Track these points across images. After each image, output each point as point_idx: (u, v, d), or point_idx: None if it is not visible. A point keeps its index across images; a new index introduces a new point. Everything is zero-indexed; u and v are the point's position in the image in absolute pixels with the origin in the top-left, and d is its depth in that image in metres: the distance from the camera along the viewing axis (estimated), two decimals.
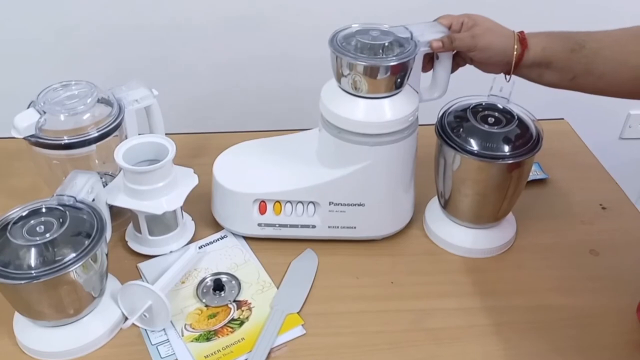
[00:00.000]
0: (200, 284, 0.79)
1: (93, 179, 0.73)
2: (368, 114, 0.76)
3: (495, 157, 0.76)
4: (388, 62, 0.74)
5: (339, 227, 0.83)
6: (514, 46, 0.76)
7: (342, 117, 0.76)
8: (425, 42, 0.78)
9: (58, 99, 0.79)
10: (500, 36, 0.77)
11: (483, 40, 0.77)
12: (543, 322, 0.76)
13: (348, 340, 0.73)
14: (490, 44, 0.77)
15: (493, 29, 0.78)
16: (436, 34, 0.78)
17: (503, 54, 0.77)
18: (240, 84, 1.31)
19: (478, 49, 0.77)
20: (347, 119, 0.76)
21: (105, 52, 1.23)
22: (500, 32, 0.78)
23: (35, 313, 0.68)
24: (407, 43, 0.76)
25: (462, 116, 0.79)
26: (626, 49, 0.75)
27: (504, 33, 0.78)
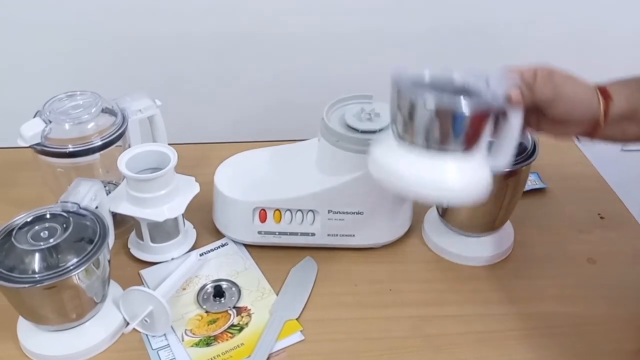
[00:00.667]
0: (200, 290, 0.80)
1: (96, 186, 0.75)
2: (436, 174, 0.64)
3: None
4: (479, 106, 0.62)
5: (338, 235, 0.85)
6: (597, 97, 0.67)
7: (398, 173, 0.65)
8: (502, 95, 0.65)
9: (63, 109, 0.81)
10: (582, 85, 0.67)
11: (566, 89, 0.66)
12: (541, 330, 0.76)
13: (346, 346, 0.74)
14: (575, 93, 0.66)
15: (572, 77, 0.68)
16: (511, 82, 0.66)
17: (587, 107, 0.66)
18: (242, 96, 1.33)
19: (562, 99, 0.66)
20: (402, 175, 0.64)
21: (110, 63, 1.25)
22: (580, 81, 0.68)
23: (38, 317, 0.69)
24: (485, 93, 0.65)
25: None
26: None
27: (584, 82, 0.68)
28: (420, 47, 1.33)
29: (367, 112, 0.82)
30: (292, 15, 1.25)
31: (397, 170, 0.65)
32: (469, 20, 1.31)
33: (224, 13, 1.23)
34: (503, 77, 0.66)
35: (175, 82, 1.29)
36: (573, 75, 0.68)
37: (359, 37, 1.29)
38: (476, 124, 0.63)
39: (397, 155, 0.65)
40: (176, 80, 1.29)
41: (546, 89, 0.66)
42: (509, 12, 1.31)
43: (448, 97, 0.63)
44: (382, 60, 1.33)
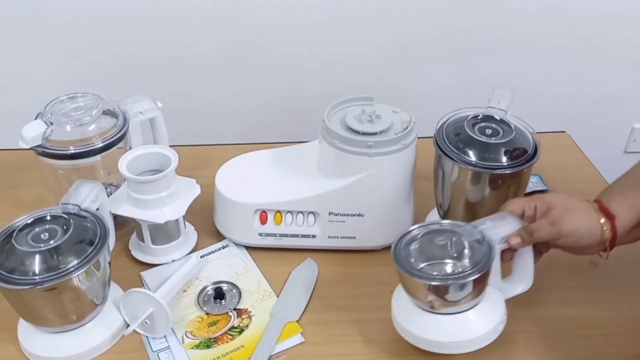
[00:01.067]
0: (201, 292, 0.80)
1: (97, 188, 0.75)
2: (448, 331, 0.68)
3: (492, 167, 0.77)
4: (465, 278, 0.65)
5: (339, 237, 0.84)
6: (599, 221, 0.67)
7: (418, 336, 0.69)
8: (500, 239, 0.68)
9: (64, 111, 0.81)
10: (582, 215, 0.68)
11: (566, 225, 0.67)
12: (542, 334, 0.76)
13: (346, 349, 0.74)
14: (575, 227, 0.67)
15: (571, 209, 0.68)
16: (510, 227, 0.69)
17: (592, 236, 0.67)
18: (243, 98, 1.33)
19: (563, 235, 0.67)
20: (425, 339, 0.69)
21: (112, 66, 1.25)
22: (580, 209, 0.68)
23: (38, 319, 0.69)
24: (479, 247, 0.68)
25: (460, 128, 0.80)
26: None
27: (584, 209, 0.68)
28: (421, 50, 1.34)
29: (368, 114, 0.82)
30: (293, 21, 1.26)
31: (416, 335, 0.69)
32: (469, 23, 1.31)
33: (227, 17, 1.24)
34: (500, 222, 0.69)
35: (177, 84, 1.29)
36: (570, 205, 0.69)
37: (359, 41, 1.30)
38: (479, 280, 0.66)
39: (414, 319, 0.70)
40: (178, 82, 1.29)
41: (545, 231, 0.67)
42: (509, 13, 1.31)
43: (443, 273, 0.68)
44: (384, 62, 1.34)
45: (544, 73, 1.39)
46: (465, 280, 0.66)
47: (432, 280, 0.66)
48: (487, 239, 0.68)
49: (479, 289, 0.68)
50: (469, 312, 0.69)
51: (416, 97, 1.22)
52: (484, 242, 0.68)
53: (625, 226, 0.67)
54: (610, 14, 1.33)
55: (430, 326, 0.69)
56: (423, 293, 0.67)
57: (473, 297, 0.68)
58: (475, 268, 0.66)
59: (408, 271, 0.66)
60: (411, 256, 0.69)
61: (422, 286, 0.66)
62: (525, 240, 0.68)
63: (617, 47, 1.38)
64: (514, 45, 1.34)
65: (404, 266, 0.67)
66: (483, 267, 0.66)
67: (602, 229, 0.67)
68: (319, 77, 1.32)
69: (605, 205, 0.68)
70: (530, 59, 1.37)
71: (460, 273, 0.67)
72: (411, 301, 0.70)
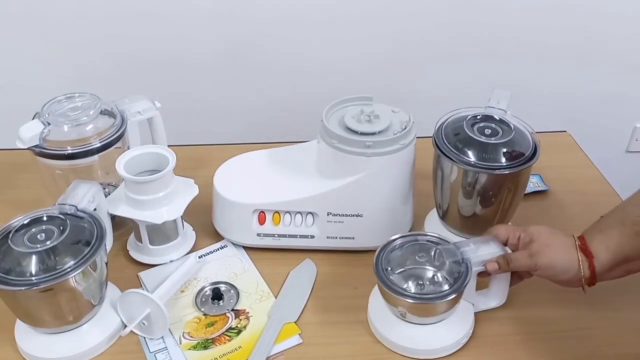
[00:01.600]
0: (199, 293, 0.80)
1: (94, 188, 0.75)
2: (418, 340, 0.72)
3: (491, 167, 0.76)
4: (439, 299, 0.70)
5: (338, 237, 0.84)
6: (578, 259, 0.69)
7: (392, 341, 0.73)
8: (480, 262, 0.72)
9: (62, 111, 0.81)
10: (561, 251, 0.69)
11: (543, 259, 0.69)
12: (540, 334, 0.76)
13: (344, 350, 0.73)
14: (552, 262, 0.69)
15: (552, 244, 0.70)
16: (491, 252, 0.72)
17: (570, 270, 0.69)
18: (242, 98, 1.33)
19: (539, 268, 0.70)
20: (395, 343, 0.72)
21: (109, 66, 1.25)
22: (560, 245, 0.70)
23: (35, 320, 0.69)
24: (457, 267, 0.72)
25: (459, 127, 0.80)
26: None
27: (564, 245, 0.70)
28: (421, 50, 1.33)
29: (366, 113, 0.81)
30: (293, 21, 1.25)
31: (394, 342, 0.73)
32: (469, 23, 1.31)
33: (226, 17, 1.23)
34: (483, 245, 0.73)
35: (176, 84, 1.29)
36: (552, 241, 0.71)
37: (359, 41, 1.29)
38: (452, 300, 0.70)
39: (391, 324, 0.74)
40: (177, 82, 1.29)
41: (523, 259, 0.70)
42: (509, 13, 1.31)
43: (420, 282, 0.73)
44: (384, 63, 1.33)
45: (544, 73, 1.39)
46: (439, 302, 0.70)
47: (406, 297, 0.69)
48: (466, 261, 0.72)
49: (450, 307, 0.72)
50: (438, 324, 0.73)
51: (416, 97, 1.21)
52: (463, 264, 0.72)
53: (604, 265, 0.68)
54: (611, 14, 1.33)
55: (398, 330, 0.73)
56: (396, 304, 0.71)
57: (443, 313, 0.72)
58: (450, 290, 0.70)
59: (386, 284, 0.70)
60: (392, 263, 0.73)
61: (396, 299, 0.70)
62: (502, 268, 0.72)
63: (618, 46, 1.38)
64: (514, 45, 1.34)
65: (382, 277, 0.71)
66: (457, 289, 0.70)
67: (580, 266, 0.69)
68: (318, 77, 1.31)
69: (586, 243, 0.70)
70: (531, 59, 1.36)
71: (434, 294, 0.71)
72: (386, 306, 0.73)
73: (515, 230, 0.73)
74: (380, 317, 0.75)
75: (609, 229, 0.70)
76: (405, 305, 0.70)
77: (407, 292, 0.70)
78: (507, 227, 0.75)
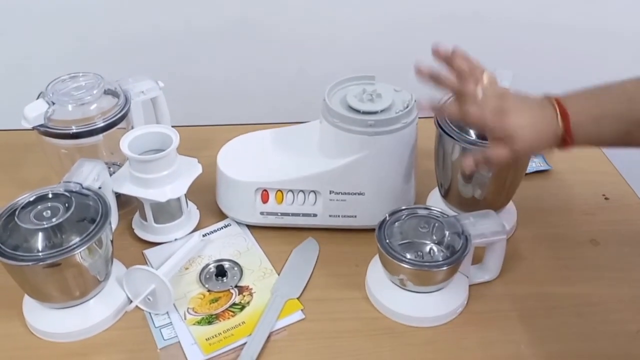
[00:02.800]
0: (203, 270, 0.81)
1: (99, 166, 0.76)
2: (415, 308, 0.74)
3: None
4: (437, 267, 0.72)
5: (340, 215, 0.85)
6: (556, 137, 0.63)
7: (390, 308, 0.75)
8: (478, 235, 0.74)
9: (66, 90, 0.82)
10: (542, 129, 0.63)
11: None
12: (541, 311, 0.76)
13: (346, 326, 0.74)
14: (532, 146, 0.65)
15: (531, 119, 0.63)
16: (490, 226, 0.75)
17: (546, 148, 0.65)
18: (245, 78, 1.33)
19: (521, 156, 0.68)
20: (394, 311, 0.74)
21: (113, 45, 1.25)
22: (540, 122, 0.63)
23: (42, 295, 0.70)
24: (457, 239, 0.74)
25: None
26: None
27: (543, 119, 0.63)
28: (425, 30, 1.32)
29: (368, 92, 0.82)
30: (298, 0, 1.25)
31: (389, 307, 0.75)
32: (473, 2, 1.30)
33: None
34: (481, 219, 0.75)
35: (181, 65, 1.29)
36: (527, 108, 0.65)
37: (362, 22, 1.29)
38: (449, 270, 0.73)
39: (389, 293, 0.76)
40: (182, 62, 1.29)
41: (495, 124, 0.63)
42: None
43: (420, 254, 0.77)
44: (389, 42, 1.33)
45: (547, 54, 1.38)
46: (437, 270, 0.72)
47: (406, 263, 0.71)
48: (465, 233, 0.74)
49: (448, 276, 0.74)
50: (435, 293, 0.75)
51: None
52: (462, 236, 0.74)
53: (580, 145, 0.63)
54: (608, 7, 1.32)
55: (396, 298, 0.75)
56: (396, 271, 0.73)
57: (441, 282, 0.74)
58: (448, 260, 0.72)
59: (388, 251, 0.72)
60: (394, 234, 0.76)
61: (397, 265, 0.72)
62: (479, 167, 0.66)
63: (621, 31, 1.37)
64: (517, 26, 1.33)
65: (384, 244, 0.73)
66: (455, 260, 0.72)
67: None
68: (324, 57, 1.31)
69: (572, 134, 0.62)
70: (534, 39, 1.35)
71: (433, 262, 0.74)
72: (385, 275, 0.75)
73: None
74: (378, 286, 0.77)
75: (603, 118, 0.63)
76: (406, 272, 0.72)
77: (409, 259, 0.72)
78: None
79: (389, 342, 0.72)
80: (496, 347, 0.72)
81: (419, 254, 0.77)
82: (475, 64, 0.67)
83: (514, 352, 0.71)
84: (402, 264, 0.71)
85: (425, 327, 0.74)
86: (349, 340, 0.73)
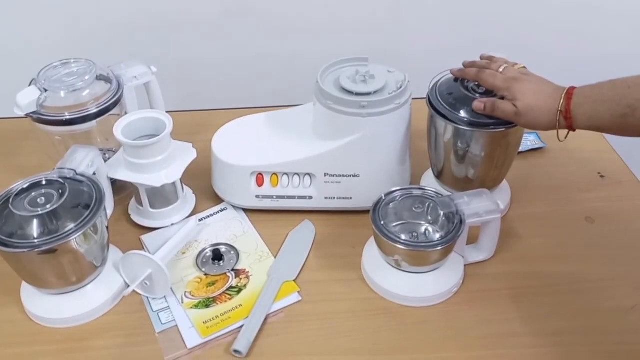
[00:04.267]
0: (200, 254, 0.81)
1: (93, 153, 0.76)
2: (411, 288, 0.75)
3: (485, 125, 0.76)
4: (432, 248, 0.72)
5: (335, 198, 0.85)
6: (557, 111, 0.70)
7: (386, 289, 0.75)
8: (473, 214, 0.74)
9: (58, 76, 0.81)
10: (546, 102, 0.71)
11: (525, 119, 0.72)
12: (536, 289, 0.77)
13: (343, 307, 0.75)
14: (534, 109, 0.72)
15: (538, 90, 0.72)
16: (484, 205, 0.74)
17: (548, 122, 0.71)
18: (239, 62, 1.32)
19: (521, 115, 0.72)
20: (390, 292, 0.75)
21: (107, 33, 1.24)
22: (545, 95, 0.71)
23: (39, 281, 0.71)
24: (452, 219, 0.74)
25: (452, 86, 0.80)
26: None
27: (550, 96, 0.71)
28: (420, 11, 1.32)
29: (361, 74, 0.81)
30: None
31: (385, 287, 0.76)
32: None
33: None
34: (475, 197, 0.75)
35: (173, 50, 1.28)
36: (538, 88, 0.73)
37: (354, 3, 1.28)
38: (444, 250, 0.73)
39: (385, 274, 0.76)
40: (173, 47, 1.29)
41: (507, 107, 0.73)
42: None
43: (415, 235, 0.77)
44: (383, 25, 1.32)
45: (542, 33, 1.37)
46: (432, 250, 0.72)
47: (401, 244, 0.71)
48: (460, 213, 0.74)
49: (443, 256, 0.74)
50: (430, 274, 0.75)
51: (415, 59, 1.20)
52: (457, 216, 0.74)
53: (578, 127, 0.71)
54: None
55: (391, 278, 0.75)
56: (391, 252, 0.73)
57: (436, 262, 0.74)
58: (443, 240, 0.72)
59: (383, 232, 0.72)
60: (389, 215, 0.76)
61: (392, 246, 0.72)
62: (487, 109, 0.75)
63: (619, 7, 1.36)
64: (511, 5, 1.32)
65: (379, 225, 0.73)
66: (450, 240, 0.72)
67: (556, 126, 0.71)
68: (318, 40, 1.30)
69: (570, 110, 0.70)
70: (530, 21, 1.35)
71: (428, 242, 0.75)
72: (380, 256, 0.75)
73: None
74: (374, 267, 0.77)
75: (602, 102, 0.68)
76: (401, 253, 0.72)
77: (403, 240, 0.72)
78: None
79: (385, 322, 0.73)
80: (491, 326, 0.72)
81: (414, 234, 0.77)
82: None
83: (509, 331, 0.72)
84: (397, 245, 0.71)
85: (421, 307, 0.74)
86: (345, 321, 0.73)
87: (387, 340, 0.71)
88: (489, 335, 0.71)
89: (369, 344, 0.71)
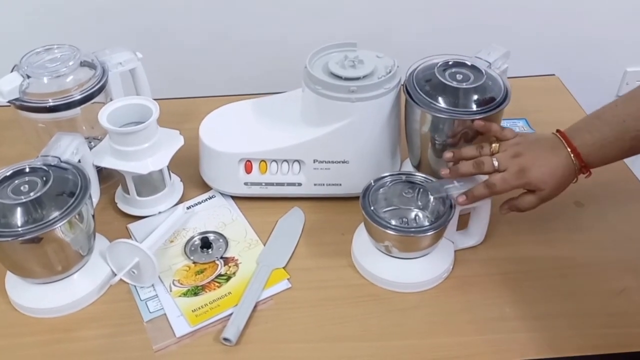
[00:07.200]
0: (188, 242, 0.80)
1: (77, 140, 0.74)
2: (401, 273, 0.74)
3: (461, 113, 0.76)
4: (422, 233, 0.72)
5: (325, 184, 0.84)
6: (575, 174, 0.73)
7: (376, 275, 0.75)
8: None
9: (40, 62, 0.80)
10: (563, 172, 0.72)
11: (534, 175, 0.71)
12: (525, 273, 0.77)
13: (332, 293, 0.74)
14: (559, 187, 0.73)
15: (546, 164, 0.72)
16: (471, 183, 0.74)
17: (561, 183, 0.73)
18: (227, 49, 1.31)
19: (548, 198, 0.73)
20: (380, 278, 0.75)
21: (92, 18, 1.22)
22: (559, 168, 0.72)
23: (24, 270, 0.70)
24: (442, 204, 0.74)
25: (430, 73, 0.79)
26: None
27: (563, 166, 0.72)
28: None
29: (350, 59, 0.80)
30: None
31: (375, 274, 0.75)
32: None
33: None
34: (467, 186, 0.74)
35: (159, 36, 1.27)
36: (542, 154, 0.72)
37: None
38: (434, 236, 0.72)
39: (375, 260, 0.76)
40: (159, 33, 1.27)
41: (512, 181, 0.72)
42: None
43: (405, 220, 0.77)
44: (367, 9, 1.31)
45: (533, 16, 1.37)
46: (422, 235, 0.72)
47: (391, 230, 0.71)
48: (450, 198, 0.73)
49: (433, 242, 0.74)
50: (420, 259, 0.75)
51: (404, 44, 1.20)
52: (447, 201, 0.73)
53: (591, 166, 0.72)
54: None
55: (381, 264, 0.75)
56: (381, 238, 0.73)
57: (426, 248, 0.74)
58: (433, 225, 0.72)
59: (373, 218, 0.72)
60: (379, 201, 0.75)
61: (382, 232, 0.71)
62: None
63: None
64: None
65: (369, 211, 0.72)
66: (440, 225, 0.72)
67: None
68: (307, 27, 1.29)
69: (581, 158, 0.72)
70: (519, 3, 1.34)
71: (418, 228, 0.74)
72: (370, 242, 0.75)
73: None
74: (364, 253, 0.76)
75: (608, 145, 0.71)
76: (391, 239, 0.72)
77: (393, 226, 0.71)
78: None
79: (376, 308, 0.73)
80: (481, 310, 0.72)
81: (404, 220, 0.77)
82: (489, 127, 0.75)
83: (498, 315, 0.72)
84: (387, 231, 0.71)
85: (411, 293, 0.74)
86: (335, 307, 0.73)
87: (377, 326, 0.71)
88: (479, 320, 0.71)
89: (359, 330, 0.70)
